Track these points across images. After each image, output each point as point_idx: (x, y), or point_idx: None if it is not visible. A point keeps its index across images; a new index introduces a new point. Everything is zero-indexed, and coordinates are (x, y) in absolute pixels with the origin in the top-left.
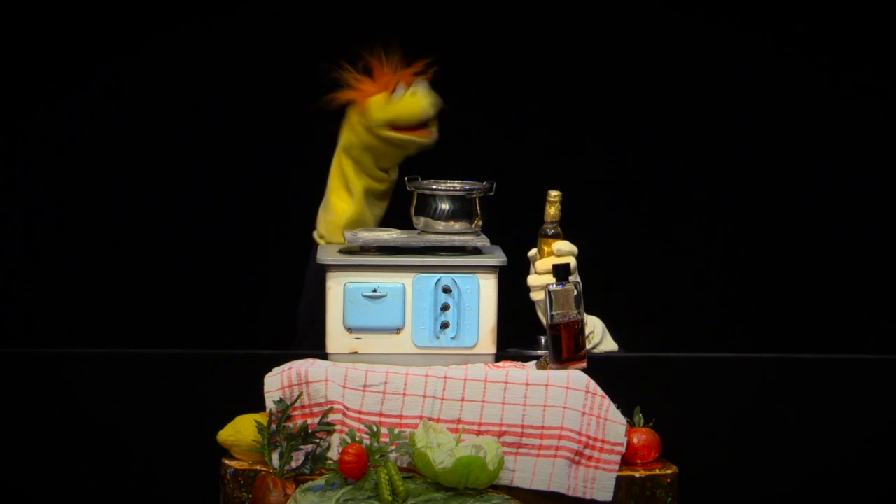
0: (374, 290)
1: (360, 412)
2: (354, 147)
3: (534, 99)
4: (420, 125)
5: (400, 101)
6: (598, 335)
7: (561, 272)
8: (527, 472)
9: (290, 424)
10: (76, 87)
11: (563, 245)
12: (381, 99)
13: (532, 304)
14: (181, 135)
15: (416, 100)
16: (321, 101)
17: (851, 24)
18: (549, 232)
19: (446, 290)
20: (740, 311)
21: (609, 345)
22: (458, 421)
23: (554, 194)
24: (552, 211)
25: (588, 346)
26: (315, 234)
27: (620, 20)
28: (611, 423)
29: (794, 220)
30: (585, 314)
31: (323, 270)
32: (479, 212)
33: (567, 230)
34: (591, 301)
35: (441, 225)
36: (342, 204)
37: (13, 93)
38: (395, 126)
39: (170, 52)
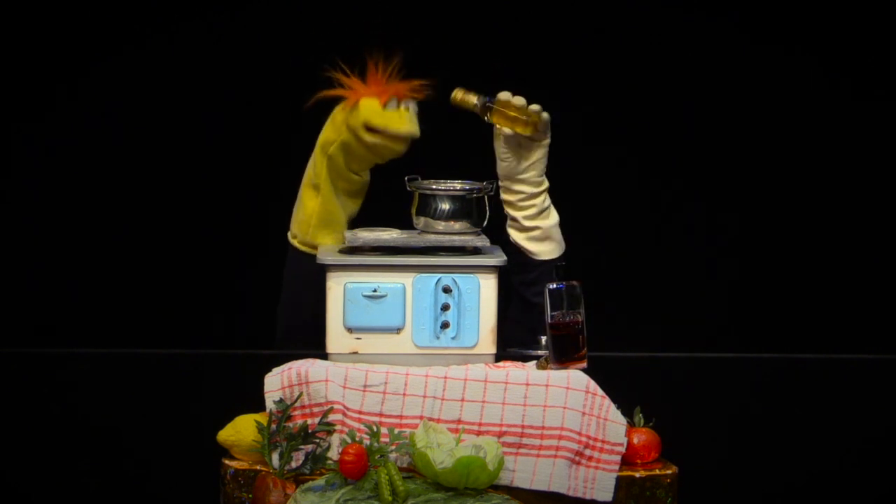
0: (375, 290)
1: (360, 412)
2: (331, 144)
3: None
4: (399, 140)
5: (390, 112)
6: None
7: (561, 272)
8: (527, 473)
9: (290, 424)
10: (71, 90)
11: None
12: (374, 102)
13: (534, 304)
14: (183, 134)
15: (406, 117)
16: (313, 98)
17: (852, 24)
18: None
19: (446, 290)
20: (740, 311)
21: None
22: (458, 421)
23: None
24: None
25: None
26: (289, 235)
27: (621, 20)
28: (611, 424)
29: (795, 220)
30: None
31: (299, 272)
32: (486, 210)
33: (567, 230)
34: (592, 301)
35: (441, 225)
36: (311, 202)
37: (12, 93)
38: (376, 132)
39: (159, 56)
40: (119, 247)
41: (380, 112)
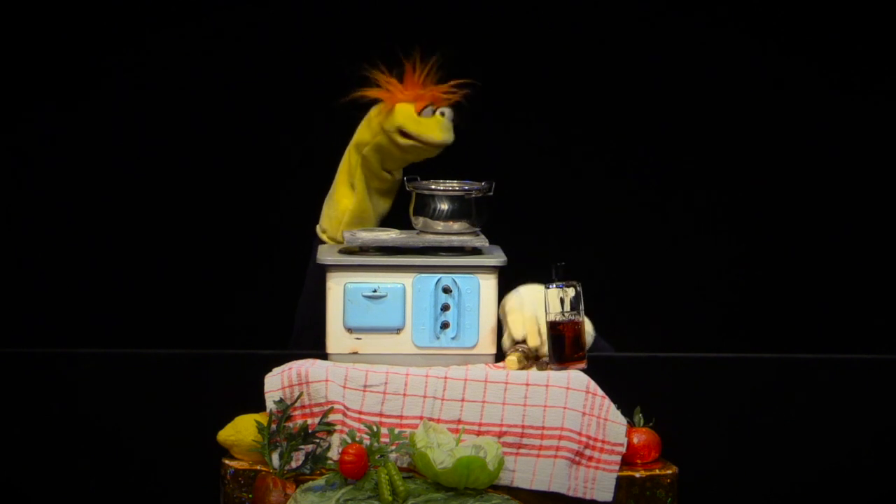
0: (375, 291)
1: (360, 412)
2: (366, 144)
3: (534, 99)
4: (432, 147)
5: (425, 119)
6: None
7: (560, 271)
8: (527, 473)
9: (290, 424)
10: (76, 88)
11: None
12: (409, 108)
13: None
14: (183, 134)
15: (440, 124)
16: (349, 97)
17: (853, 24)
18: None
19: (446, 291)
20: (740, 311)
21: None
22: (459, 421)
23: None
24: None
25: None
26: (318, 228)
27: (621, 21)
28: (611, 424)
29: (795, 220)
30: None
31: (323, 269)
32: (485, 210)
33: (567, 229)
34: (592, 301)
35: (440, 225)
36: (345, 200)
37: (13, 93)
38: (410, 137)
39: (176, 49)
40: (119, 247)
41: (415, 119)
